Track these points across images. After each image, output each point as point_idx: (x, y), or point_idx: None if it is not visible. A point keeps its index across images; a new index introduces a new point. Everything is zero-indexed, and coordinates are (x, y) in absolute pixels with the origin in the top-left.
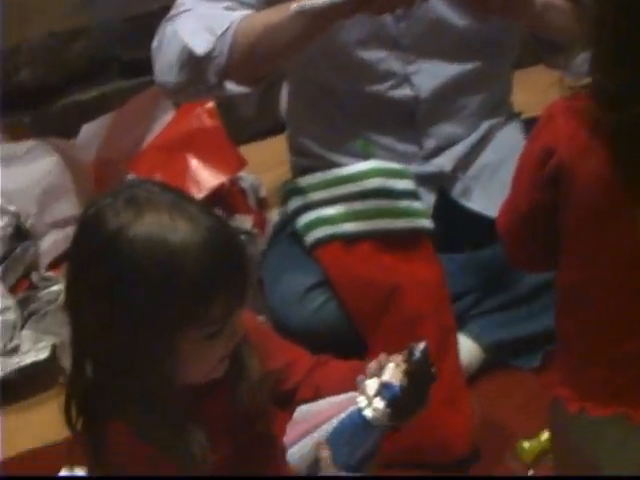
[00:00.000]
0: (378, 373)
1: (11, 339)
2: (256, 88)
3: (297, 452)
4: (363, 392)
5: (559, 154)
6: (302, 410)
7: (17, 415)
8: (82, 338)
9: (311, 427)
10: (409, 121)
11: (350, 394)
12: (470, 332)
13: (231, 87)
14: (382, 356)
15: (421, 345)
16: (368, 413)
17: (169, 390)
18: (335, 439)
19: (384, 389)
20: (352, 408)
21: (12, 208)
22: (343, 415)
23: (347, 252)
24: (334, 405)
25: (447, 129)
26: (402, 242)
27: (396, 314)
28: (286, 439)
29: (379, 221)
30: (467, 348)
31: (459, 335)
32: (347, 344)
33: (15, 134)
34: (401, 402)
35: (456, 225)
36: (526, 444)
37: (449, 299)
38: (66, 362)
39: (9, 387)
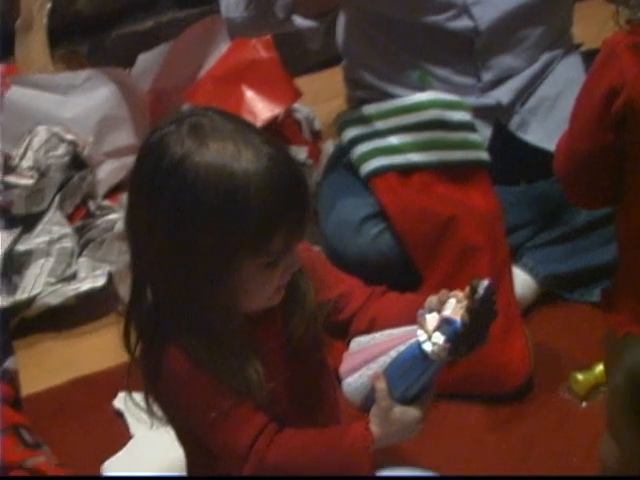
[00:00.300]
0: (439, 308)
1: (69, 266)
2: (323, 22)
3: (352, 383)
4: (423, 326)
5: (626, 94)
6: (359, 341)
7: (74, 341)
8: (143, 264)
9: (368, 358)
10: (467, 53)
11: (409, 327)
12: (525, 265)
13: (299, 22)
14: (443, 291)
15: (485, 282)
16: (427, 347)
17: (228, 318)
18: (392, 372)
19: (445, 324)
20: (411, 341)
21: (69, 137)
22: (401, 348)
23: (403, 183)
24: (392, 337)
25: (506, 61)
26: (458, 174)
27: (451, 245)
28: (341, 370)
29: (435, 152)
30: (522, 281)
31: (514, 268)
32: (402, 275)
33: (72, 63)
34: (461, 338)
35: (512, 158)
36: (579, 376)
37: (505, 231)
38: (122, 290)
39: (66, 313)
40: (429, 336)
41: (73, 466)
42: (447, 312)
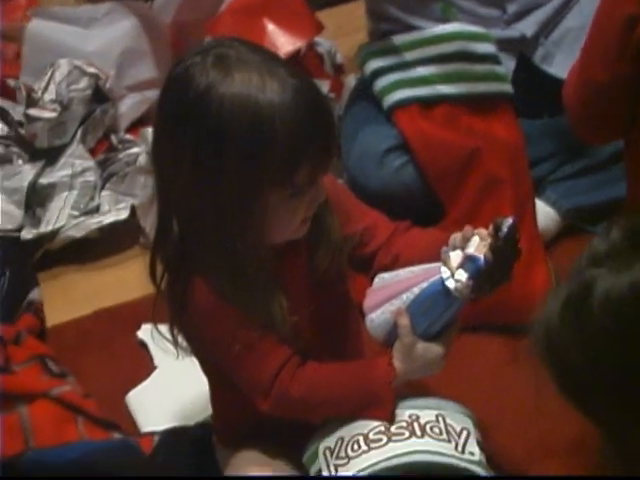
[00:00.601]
0: (462, 245)
1: (92, 199)
2: None
3: (376, 319)
4: (446, 263)
5: None
6: (382, 277)
7: (97, 273)
8: (169, 197)
9: (392, 294)
10: None
11: (432, 265)
12: (548, 198)
13: None
14: (467, 228)
15: (509, 220)
16: (450, 284)
17: (253, 250)
18: (415, 308)
19: (468, 262)
20: (434, 278)
21: (91, 70)
22: (424, 285)
23: (426, 115)
24: (415, 274)
25: None
26: (482, 106)
27: (474, 178)
28: (365, 305)
29: (459, 84)
30: (544, 214)
31: (537, 201)
32: (424, 208)
33: None
34: (484, 276)
35: (535, 90)
36: None
37: (528, 164)
38: (145, 223)
39: (90, 246)
40: (452, 273)
41: (98, 396)
42: (471, 250)
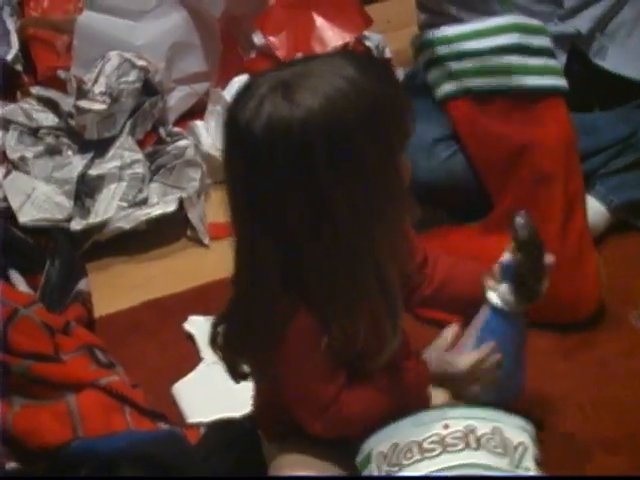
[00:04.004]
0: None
1: (140, 191)
2: None
3: None
4: (489, 288)
5: None
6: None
7: (145, 265)
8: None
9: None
10: None
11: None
12: (597, 193)
13: None
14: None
15: (521, 216)
16: (494, 299)
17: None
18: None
19: (501, 272)
20: (484, 309)
21: (141, 63)
22: (479, 320)
23: (478, 107)
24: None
25: None
26: (535, 100)
27: (525, 172)
28: None
29: (513, 77)
30: (594, 209)
31: (586, 196)
32: (473, 199)
33: None
34: (521, 274)
35: (587, 84)
36: None
37: (579, 160)
38: (192, 215)
39: (138, 238)
40: (497, 291)
41: (144, 387)
42: (501, 259)
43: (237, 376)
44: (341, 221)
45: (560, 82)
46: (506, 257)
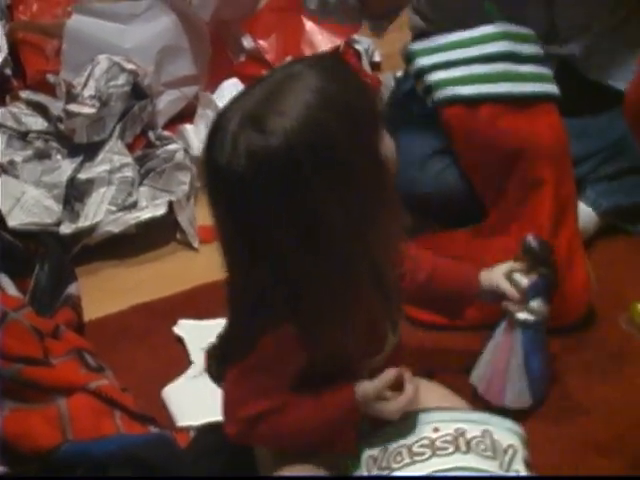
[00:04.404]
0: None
1: (129, 195)
2: None
3: (513, 395)
4: (517, 311)
5: None
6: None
7: (134, 269)
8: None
9: (501, 371)
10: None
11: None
12: (587, 198)
13: None
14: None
15: (532, 237)
16: (532, 317)
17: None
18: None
19: (533, 292)
20: (516, 332)
21: (130, 66)
22: (517, 341)
23: (469, 115)
24: (497, 345)
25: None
26: (526, 107)
27: (517, 178)
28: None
29: (504, 84)
30: (583, 214)
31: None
32: (466, 210)
33: None
34: (552, 285)
35: (575, 89)
36: None
37: (571, 166)
38: (182, 218)
39: (127, 242)
40: (527, 309)
41: (134, 390)
42: (525, 281)
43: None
44: (337, 230)
45: (551, 88)
46: (529, 279)
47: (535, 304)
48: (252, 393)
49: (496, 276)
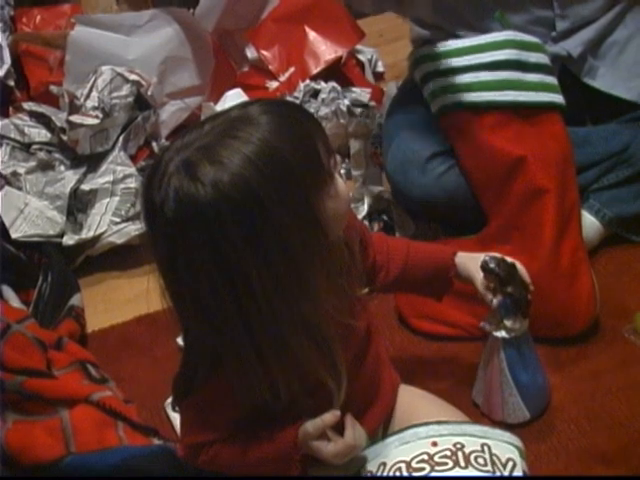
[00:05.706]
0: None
1: (133, 206)
2: None
3: (512, 412)
4: (494, 330)
5: None
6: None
7: (137, 280)
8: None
9: (495, 390)
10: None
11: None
12: (591, 207)
13: None
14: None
15: (489, 258)
16: (505, 334)
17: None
18: (515, 377)
19: (502, 311)
20: (499, 352)
21: (133, 77)
22: (497, 365)
23: (474, 122)
24: (488, 364)
25: (582, 11)
26: (531, 115)
27: (519, 187)
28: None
29: (510, 92)
30: (587, 223)
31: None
32: (466, 215)
33: (136, 3)
34: (517, 302)
35: (579, 99)
36: None
37: (575, 175)
38: None
39: (130, 253)
40: (503, 328)
41: (137, 401)
42: (495, 302)
43: None
44: (264, 295)
45: (556, 98)
46: (497, 299)
47: (509, 322)
48: (198, 424)
49: (472, 267)
